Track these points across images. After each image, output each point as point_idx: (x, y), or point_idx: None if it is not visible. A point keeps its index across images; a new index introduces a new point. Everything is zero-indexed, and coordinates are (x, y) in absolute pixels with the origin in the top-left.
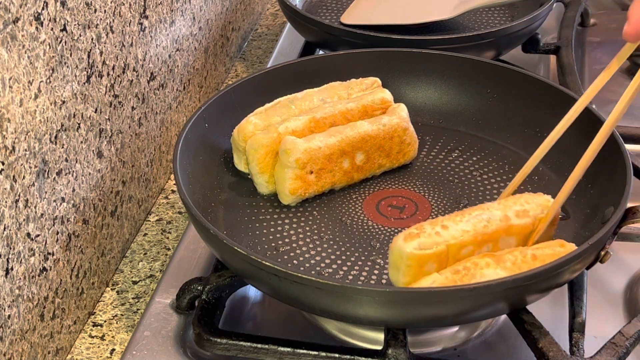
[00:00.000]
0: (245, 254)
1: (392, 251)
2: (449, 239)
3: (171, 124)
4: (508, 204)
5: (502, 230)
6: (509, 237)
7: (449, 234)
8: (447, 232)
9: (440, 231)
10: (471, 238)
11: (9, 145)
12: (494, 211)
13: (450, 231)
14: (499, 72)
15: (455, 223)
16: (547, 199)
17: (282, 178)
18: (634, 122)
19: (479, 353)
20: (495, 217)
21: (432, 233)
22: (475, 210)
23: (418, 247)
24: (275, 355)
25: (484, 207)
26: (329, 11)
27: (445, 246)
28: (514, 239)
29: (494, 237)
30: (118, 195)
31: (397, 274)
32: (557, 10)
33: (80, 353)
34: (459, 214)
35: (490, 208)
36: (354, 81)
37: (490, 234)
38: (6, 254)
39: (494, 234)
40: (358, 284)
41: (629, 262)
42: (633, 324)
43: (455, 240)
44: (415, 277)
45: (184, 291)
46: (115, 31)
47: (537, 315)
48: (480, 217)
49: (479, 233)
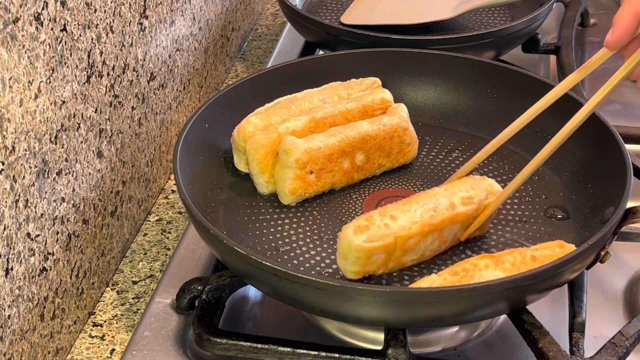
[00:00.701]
0: (245, 254)
1: (341, 241)
2: (398, 231)
3: (171, 124)
4: (454, 189)
5: (448, 219)
6: (454, 225)
7: (397, 226)
8: (396, 223)
9: (389, 222)
10: (418, 229)
11: (9, 145)
12: (441, 198)
13: (398, 222)
14: (499, 72)
15: (404, 213)
16: (491, 184)
17: (282, 178)
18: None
19: (479, 353)
20: (441, 206)
21: (381, 225)
22: (422, 198)
23: (367, 240)
24: (275, 355)
25: (431, 194)
26: (329, 11)
27: (393, 238)
28: (458, 226)
29: (439, 226)
30: (118, 195)
31: (346, 263)
32: (557, 10)
33: (80, 353)
34: (407, 202)
35: (436, 195)
36: (354, 81)
37: (437, 223)
38: (6, 254)
39: (440, 224)
40: (358, 284)
41: (629, 262)
42: (633, 324)
43: (403, 232)
44: (363, 266)
45: (184, 291)
46: (115, 31)
47: (537, 315)
48: (427, 207)
49: (426, 224)
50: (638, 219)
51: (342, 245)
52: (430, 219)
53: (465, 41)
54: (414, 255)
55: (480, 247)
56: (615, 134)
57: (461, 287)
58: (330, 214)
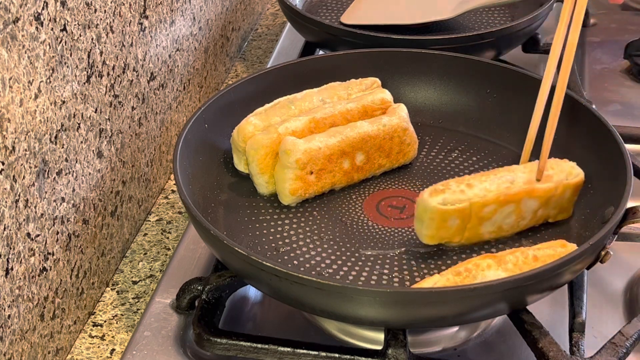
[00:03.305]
0: (245, 254)
1: (418, 205)
2: (472, 197)
3: (171, 124)
4: (533, 168)
5: (525, 192)
6: (531, 200)
7: (473, 192)
8: (472, 190)
9: (465, 189)
10: (494, 197)
11: (9, 145)
12: (519, 173)
13: (474, 190)
14: (499, 72)
15: (480, 182)
16: (572, 165)
17: (282, 178)
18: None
19: (479, 353)
20: (519, 180)
21: (456, 190)
22: (500, 172)
23: (442, 202)
24: (275, 355)
25: (510, 169)
26: (329, 11)
27: (469, 203)
28: (535, 202)
29: (516, 198)
30: (118, 195)
31: (421, 226)
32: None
33: (80, 353)
34: (484, 174)
35: (515, 170)
36: (353, 81)
37: (513, 195)
38: (6, 254)
39: (516, 195)
40: (359, 284)
41: (629, 262)
42: (633, 324)
43: (478, 199)
44: (437, 230)
45: (184, 291)
46: (115, 31)
47: (537, 315)
48: (504, 178)
49: (502, 193)
50: (638, 219)
51: (419, 207)
52: (507, 189)
53: (465, 41)
54: (490, 226)
55: (482, 247)
56: (615, 134)
57: (461, 287)
58: (330, 214)
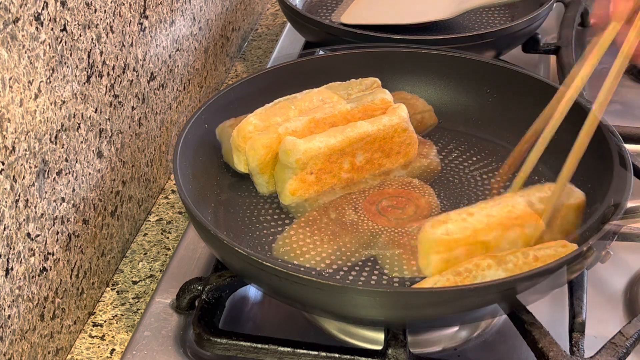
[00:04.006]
0: (245, 254)
1: (421, 240)
2: (476, 224)
3: (171, 124)
4: (530, 192)
5: (527, 215)
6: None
7: (475, 219)
8: (473, 217)
9: (467, 217)
10: (496, 222)
11: (9, 145)
12: (518, 198)
13: (476, 217)
14: (499, 72)
15: (480, 209)
16: (571, 188)
17: (282, 178)
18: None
19: (479, 353)
20: (519, 204)
21: (458, 219)
22: (498, 200)
23: (446, 233)
24: (275, 355)
25: (507, 197)
26: (329, 11)
27: (473, 231)
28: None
29: (518, 221)
30: (118, 195)
31: (428, 263)
32: (557, 10)
33: (80, 353)
34: (482, 203)
35: (513, 197)
36: (353, 81)
37: (515, 218)
38: (6, 254)
39: (518, 219)
40: (359, 284)
41: (629, 262)
42: (633, 324)
43: (481, 225)
44: (445, 265)
45: (184, 291)
46: (115, 31)
47: (537, 315)
48: (504, 204)
49: (504, 217)
50: (638, 219)
51: (422, 242)
52: (509, 213)
53: (465, 41)
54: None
55: None
56: (615, 134)
57: (461, 287)
58: (330, 215)
